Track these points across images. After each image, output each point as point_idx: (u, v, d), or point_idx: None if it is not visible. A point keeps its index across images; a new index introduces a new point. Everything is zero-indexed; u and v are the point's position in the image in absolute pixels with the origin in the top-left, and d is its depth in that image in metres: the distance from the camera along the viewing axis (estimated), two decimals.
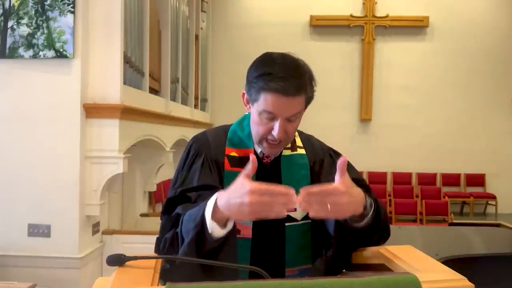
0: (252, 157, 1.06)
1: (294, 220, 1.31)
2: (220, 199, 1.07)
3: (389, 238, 1.32)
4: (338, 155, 1.40)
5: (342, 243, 1.25)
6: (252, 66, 1.27)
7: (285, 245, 1.30)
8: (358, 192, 1.13)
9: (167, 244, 1.22)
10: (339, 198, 1.05)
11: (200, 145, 1.36)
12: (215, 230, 1.10)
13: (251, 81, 1.24)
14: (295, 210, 1.01)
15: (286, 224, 1.30)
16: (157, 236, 1.30)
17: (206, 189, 1.22)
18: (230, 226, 1.11)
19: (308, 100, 1.27)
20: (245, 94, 1.30)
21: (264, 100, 1.21)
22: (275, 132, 1.23)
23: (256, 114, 1.26)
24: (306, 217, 1.31)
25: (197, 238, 1.11)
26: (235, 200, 1.02)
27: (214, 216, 1.09)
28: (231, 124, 1.42)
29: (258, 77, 1.21)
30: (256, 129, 1.29)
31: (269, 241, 1.30)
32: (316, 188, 1.04)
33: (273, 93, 1.19)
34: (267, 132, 1.25)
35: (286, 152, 1.36)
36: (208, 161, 1.33)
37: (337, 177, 1.08)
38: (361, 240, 1.23)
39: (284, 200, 1.00)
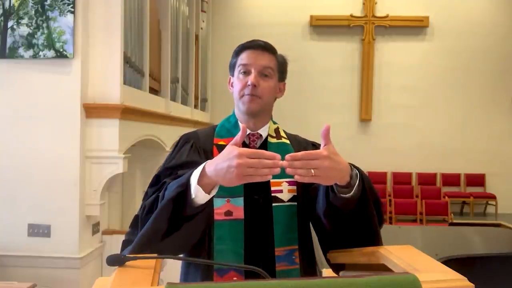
0: (242, 126, 1.13)
1: (281, 201, 1.36)
2: (208, 165, 1.13)
3: (384, 222, 1.36)
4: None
5: (336, 220, 1.27)
6: None
7: (273, 226, 1.34)
8: (343, 161, 1.16)
9: (146, 210, 1.23)
10: (322, 162, 1.09)
11: (188, 136, 1.45)
12: (199, 194, 1.13)
13: (232, 56, 1.45)
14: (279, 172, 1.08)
15: (273, 204, 1.35)
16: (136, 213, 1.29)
17: (195, 164, 1.24)
18: (214, 192, 1.16)
19: (280, 67, 1.44)
20: (231, 78, 1.46)
21: (240, 59, 1.41)
22: (249, 81, 1.35)
23: (236, 78, 1.41)
24: (292, 199, 1.37)
25: (177, 197, 1.15)
26: (223, 164, 1.07)
27: (200, 181, 1.13)
28: None
29: (236, 49, 1.45)
30: (235, 90, 1.41)
31: (259, 222, 1.34)
32: (300, 153, 1.09)
33: (246, 50, 1.42)
34: (244, 86, 1.38)
35: (272, 140, 1.44)
36: (197, 147, 1.41)
37: (322, 144, 1.13)
38: (354, 218, 1.24)
39: (271, 163, 1.05)
